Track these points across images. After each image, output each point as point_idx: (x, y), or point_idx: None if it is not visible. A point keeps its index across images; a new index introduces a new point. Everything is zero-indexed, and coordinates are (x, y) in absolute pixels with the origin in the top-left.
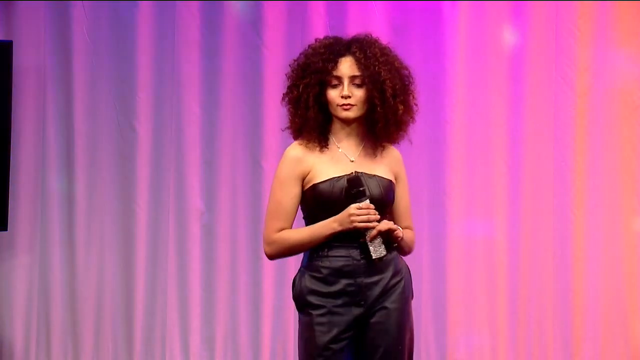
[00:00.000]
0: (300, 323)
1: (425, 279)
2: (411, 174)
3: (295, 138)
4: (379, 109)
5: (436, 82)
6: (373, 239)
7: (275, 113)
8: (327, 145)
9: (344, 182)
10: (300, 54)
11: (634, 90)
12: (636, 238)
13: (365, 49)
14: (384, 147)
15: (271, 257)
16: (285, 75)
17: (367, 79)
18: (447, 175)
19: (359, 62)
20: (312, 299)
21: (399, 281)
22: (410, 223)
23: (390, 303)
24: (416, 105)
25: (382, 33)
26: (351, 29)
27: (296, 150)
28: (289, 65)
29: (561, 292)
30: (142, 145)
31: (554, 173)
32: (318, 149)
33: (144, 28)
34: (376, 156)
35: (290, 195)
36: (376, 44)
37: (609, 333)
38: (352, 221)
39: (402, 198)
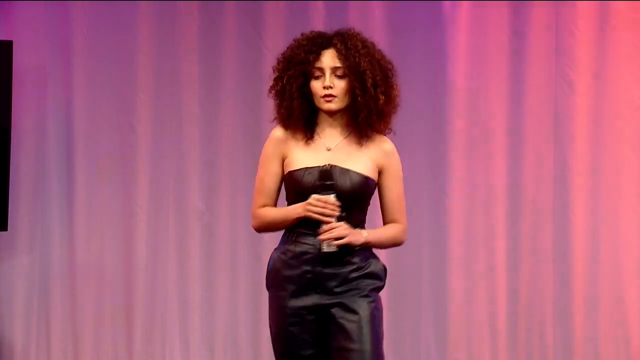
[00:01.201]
0: (268, 303)
1: (425, 279)
2: (411, 173)
3: (290, 126)
4: (360, 99)
5: (436, 81)
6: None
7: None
8: (312, 136)
9: (315, 173)
10: (286, 48)
11: (634, 90)
12: (636, 238)
13: (347, 41)
14: (369, 138)
15: (255, 229)
16: (272, 68)
17: (348, 69)
18: (447, 175)
19: (340, 54)
20: (277, 279)
21: (360, 276)
22: (398, 216)
23: (350, 294)
24: (398, 97)
25: (382, 33)
26: None
27: (279, 131)
28: (276, 59)
29: (561, 293)
30: (142, 145)
31: (553, 173)
32: (302, 138)
33: (144, 28)
34: (360, 146)
35: (271, 173)
36: (357, 37)
37: (609, 333)
38: (307, 210)
39: (390, 190)
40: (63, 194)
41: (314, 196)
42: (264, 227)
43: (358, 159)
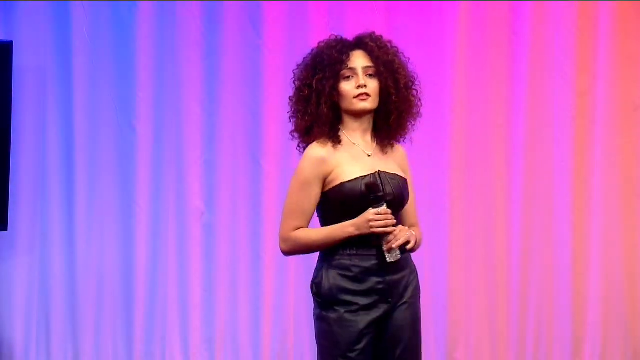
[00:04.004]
0: (322, 321)
1: (425, 279)
2: (411, 173)
3: (302, 139)
4: (394, 97)
5: (436, 82)
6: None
7: (275, 113)
8: (340, 141)
9: (362, 183)
10: (306, 56)
11: (634, 90)
12: (636, 238)
13: (376, 41)
14: (392, 145)
15: (286, 254)
16: (292, 80)
17: (383, 67)
18: (447, 175)
19: (371, 54)
20: (344, 297)
21: (414, 278)
22: (416, 220)
23: (408, 299)
24: (420, 101)
25: (382, 33)
26: (351, 29)
27: (318, 150)
28: (293, 72)
29: (561, 292)
30: (142, 145)
31: (554, 173)
32: (331, 145)
33: (144, 28)
34: (386, 153)
35: (310, 196)
36: (383, 39)
37: (609, 333)
38: (371, 226)
39: (409, 195)
40: (63, 194)
41: (372, 211)
42: (299, 250)
43: (393, 163)
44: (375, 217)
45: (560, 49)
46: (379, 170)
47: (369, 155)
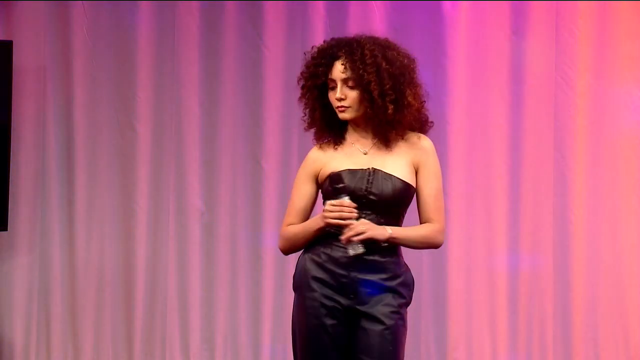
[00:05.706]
0: (293, 303)
1: (425, 279)
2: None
3: (317, 135)
4: (369, 110)
5: (436, 82)
6: (348, 237)
7: (275, 113)
8: (342, 141)
9: (357, 176)
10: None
11: (633, 91)
12: (636, 238)
13: (354, 51)
14: (401, 139)
15: (281, 250)
16: (297, 79)
17: (354, 82)
18: (447, 175)
19: (344, 67)
20: (307, 280)
21: (395, 285)
22: (434, 215)
23: (381, 305)
24: (416, 100)
25: (382, 33)
26: (351, 29)
27: (313, 152)
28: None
29: (561, 292)
30: (142, 145)
31: (554, 173)
32: (333, 146)
33: (144, 28)
34: (392, 150)
35: (302, 193)
36: (366, 46)
37: (609, 333)
38: (324, 217)
39: (424, 187)
40: (63, 194)
41: (328, 202)
42: (288, 245)
43: (395, 163)
44: (329, 207)
45: (561, 49)
46: (372, 168)
47: (365, 154)
